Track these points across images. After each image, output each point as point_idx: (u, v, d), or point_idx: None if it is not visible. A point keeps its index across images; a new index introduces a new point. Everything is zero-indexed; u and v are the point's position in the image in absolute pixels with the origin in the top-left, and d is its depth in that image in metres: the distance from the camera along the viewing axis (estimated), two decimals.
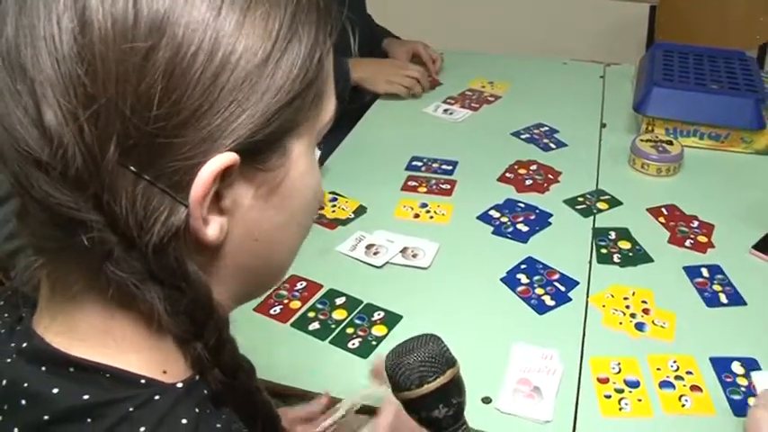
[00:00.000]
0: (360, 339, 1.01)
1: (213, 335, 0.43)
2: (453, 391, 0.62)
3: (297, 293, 1.10)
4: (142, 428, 0.39)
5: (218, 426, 0.42)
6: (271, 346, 1.01)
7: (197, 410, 0.42)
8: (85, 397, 0.40)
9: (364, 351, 0.99)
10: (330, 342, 1.01)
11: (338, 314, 1.06)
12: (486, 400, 0.92)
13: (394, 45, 1.92)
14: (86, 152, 0.36)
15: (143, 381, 0.41)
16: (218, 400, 0.44)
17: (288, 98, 0.41)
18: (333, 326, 1.04)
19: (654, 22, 2.52)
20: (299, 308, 1.07)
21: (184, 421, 0.40)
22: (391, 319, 1.05)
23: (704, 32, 2.42)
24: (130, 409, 0.40)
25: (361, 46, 1.67)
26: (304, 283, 1.12)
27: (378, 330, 1.03)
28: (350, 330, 1.03)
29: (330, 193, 1.37)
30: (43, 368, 0.41)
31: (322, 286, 1.12)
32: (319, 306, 1.08)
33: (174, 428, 0.40)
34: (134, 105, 0.36)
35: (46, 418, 0.40)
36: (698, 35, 2.36)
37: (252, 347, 1.00)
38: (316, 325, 1.04)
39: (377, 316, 1.06)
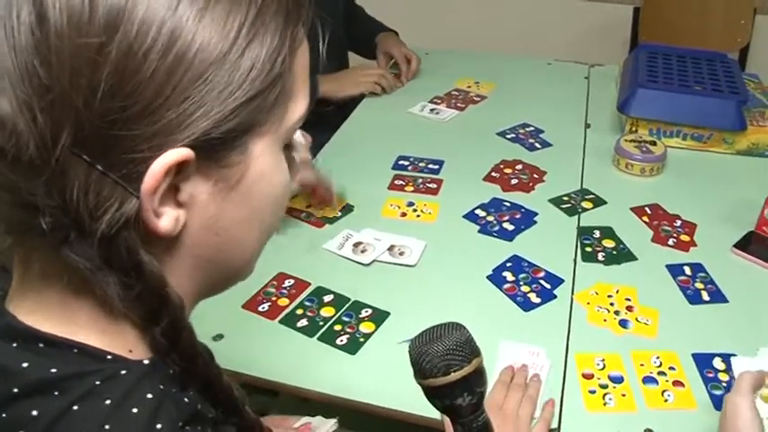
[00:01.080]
0: (348, 336, 1.02)
1: (168, 322, 0.43)
2: (478, 381, 0.62)
3: (285, 291, 1.11)
4: (107, 401, 0.40)
5: (185, 400, 0.43)
6: (259, 343, 1.01)
7: (162, 387, 0.43)
8: (53, 370, 0.41)
9: (352, 348, 1.00)
10: (318, 339, 1.02)
11: (326, 311, 1.07)
12: None
13: (381, 43, 1.93)
14: (39, 140, 0.37)
15: (109, 357, 0.42)
16: (184, 382, 0.45)
17: (247, 97, 0.41)
18: (321, 323, 1.04)
19: (638, 24, 2.55)
20: (288, 305, 1.08)
21: (149, 396, 0.41)
22: (379, 317, 1.06)
23: (687, 34, 2.45)
24: (97, 383, 0.41)
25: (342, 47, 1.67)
26: (292, 281, 1.13)
27: (365, 327, 1.04)
28: (338, 327, 1.04)
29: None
30: (14, 344, 0.42)
31: (310, 284, 1.13)
32: (307, 303, 1.08)
33: (138, 402, 0.41)
34: (87, 97, 0.37)
35: (15, 390, 0.40)
36: (681, 37, 2.39)
37: (240, 344, 1.01)
38: (304, 322, 1.05)
39: (364, 313, 1.06)
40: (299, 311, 1.07)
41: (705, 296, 1.12)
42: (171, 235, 0.42)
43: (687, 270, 1.18)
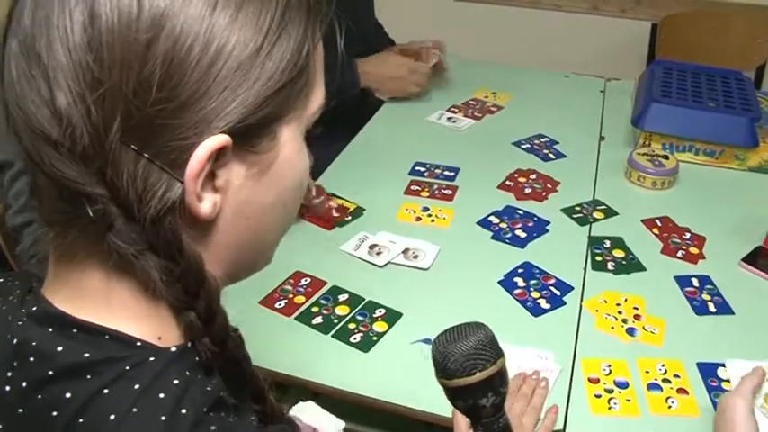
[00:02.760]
0: (361, 334, 1.05)
1: (204, 304, 0.46)
2: (501, 381, 0.63)
3: (301, 289, 1.14)
4: (136, 386, 0.43)
5: (208, 389, 0.45)
6: (275, 338, 1.05)
7: (188, 373, 0.45)
8: (86, 355, 0.43)
9: (365, 345, 1.03)
10: (333, 336, 1.05)
11: (341, 310, 1.10)
12: None
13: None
14: (92, 131, 0.40)
15: (139, 343, 0.45)
16: (209, 369, 0.47)
17: (277, 87, 0.44)
18: (335, 321, 1.08)
19: (655, 40, 2.57)
20: (303, 302, 1.11)
21: (176, 381, 0.44)
22: (392, 316, 1.09)
23: (704, 51, 2.47)
24: (126, 368, 0.43)
25: (370, 53, 1.70)
26: (308, 280, 1.16)
27: (379, 326, 1.07)
28: (352, 325, 1.07)
29: (330, 194, 1.41)
30: (50, 329, 0.45)
31: (326, 283, 1.16)
32: (323, 302, 1.12)
33: (165, 388, 0.43)
34: (136, 89, 0.40)
35: (50, 372, 0.43)
36: (697, 54, 2.41)
37: (255, 338, 1.04)
38: (319, 319, 1.08)
39: (378, 313, 1.10)
40: (315, 309, 1.10)
41: (712, 307, 1.15)
42: (209, 219, 0.45)
43: (695, 282, 1.20)
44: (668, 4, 2.60)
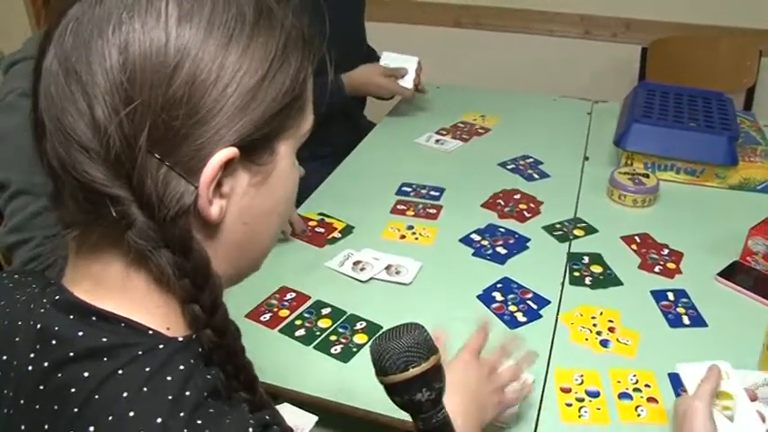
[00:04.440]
0: (342, 346, 1.09)
1: (209, 298, 0.51)
2: (435, 377, 0.67)
3: (286, 303, 1.19)
4: (147, 369, 0.48)
5: (208, 377, 0.51)
6: (259, 350, 1.07)
7: (192, 361, 0.51)
8: (104, 340, 0.49)
9: (345, 356, 1.07)
10: (314, 347, 1.09)
11: (323, 323, 1.14)
12: None
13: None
14: (124, 141, 0.46)
15: (150, 332, 0.50)
16: (209, 361, 0.53)
17: (279, 107, 0.51)
18: (317, 333, 1.12)
19: (645, 64, 2.62)
20: (288, 316, 1.16)
21: (181, 367, 0.49)
22: (372, 329, 1.13)
23: (693, 74, 2.52)
24: (139, 353, 0.49)
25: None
26: (293, 294, 1.21)
27: (359, 338, 1.11)
28: (333, 337, 1.11)
29: (319, 214, 1.46)
30: (71, 316, 0.50)
31: (310, 297, 1.21)
32: (306, 315, 1.16)
33: (172, 372, 0.49)
34: (163, 106, 0.46)
35: (71, 354, 0.48)
36: (687, 77, 2.46)
37: None
38: (302, 332, 1.12)
39: (359, 326, 1.14)
40: (298, 322, 1.14)
41: (686, 320, 1.18)
42: (216, 222, 0.51)
43: (670, 296, 1.23)
44: (658, 28, 2.65)
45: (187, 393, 0.48)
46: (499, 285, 1.25)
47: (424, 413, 0.67)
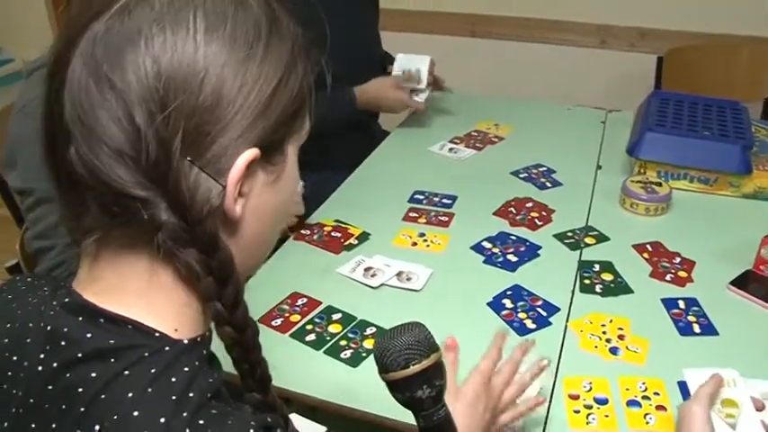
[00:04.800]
0: (351, 351, 1.10)
1: (232, 294, 0.53)
2: (436, 374, 0.69)
3: (297, 308, 1.20)
4: (153, 369, 0.50)
5: (211, 380, 0.52)
6: (270, 354, 1.09)
7: (196, 363, 0.52)
8: (111, 341, 0.50)
9: (355, 361, 1.08)
10: (324, 352, 1.11)
11: (333, 328, 1.15)
12: None
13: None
14: (161, 144, 0.48)
15: (157, 334, 0.52)
16: (212, 363, 0.55)
17: (292, 111, 0.54)
18: (328, 338, 1.13)
19: (661, 73, 2.61)
20: (299, 321, 1.17)
21: (186, 369, 0.51)
22: (382, 334, 1.13)
23: (710, 84, 2.51)
24: (145, 354, 0.50)
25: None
26: (305, 300, 1.22)
27: (369, 344, 1.12)
28: (343, 342, 1.12)
29: (335, 221, 1.48)
30: (80, 318, 0.52)
31: (321, 303, 1.22)
32: (317, 320, 1.17)
33: (177, 373, 0.50)
34: (194, 111, 0.48)
35: (79, 355, 0.50)
36: (703, 86, 2.45)
37: None
38: (312, 336, 1.14)
39: (369, 331, 1.15)
40: (309, 327, 1.16)
41: (696, 329, 1.17)
42: (238, 219, 0.53)
43: (681, 304, 1.23)
44: (674, 37, 2.65)
45: (190, 395, 0.50)
46: (509, 293, 1.25)
47: (426, 410, 0.69)
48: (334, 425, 1.01)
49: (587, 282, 1.29)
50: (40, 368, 0.52)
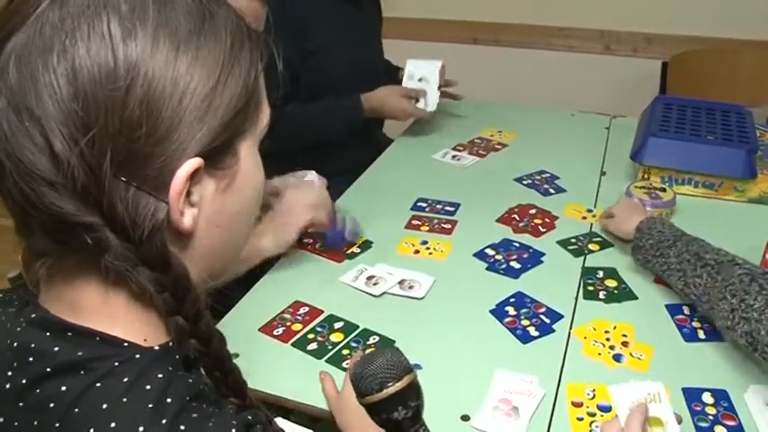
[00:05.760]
0: None
1: (191, 308, 0.52)
2: (411, 395, 0.71)
3: (299, 317, 1.20)
4: (125, 379, 0.49)
5: (190, 381, 0.52)
6: (271, 363, 1.10)
7: (170, 368, 0.51)
8: (80, 353, 0.49)
9: None
10: (326, 361, 1.10)
11: (335, 337, 1.15)
12: (465, 418, 0.99)
13: None
14: (87, 169, 0.45)
15: (126, 344, 0.51)
16: (190, 365, 0.54)
17: (235, 110, 0.51)
18: (329, 347, 1.13)
19: (666, 78, 2.61)
20: (300, 330, 1.17)
21: (160, 375, 0.50)
22: (384, 343, 1.13)
23: (714, 89, 2.50)
24: (116, 364, 0.49)
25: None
26: (306, 309, 1.22)
27: None
28: (345, 351, 1.12)
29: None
30: (47, 333, 0.51)
31: (323, 312, 1.22)
32: (319, 329, 1.17)
33: (151, 381, 0.49)
34: (121, 129, 0.46)
35: (48, 369, 0.49)
36: (708, 91, 2.44)
37: (254, 363, 1.10)
38: (314, 345, 1.13)
39: (372, 340, 1.14)
40: (311, 336, 1.15)
41: (701, 334, 1.16)
42: (190, 231, 0.52)
43: (686, 309, 1.22)
44: (678, 42, 2.65)
45: (168, 400, 0.49)
46: (512, 300, 1.25)
47: (405, 430, 0.70)
48: None
49: (591, 288, 1.28)
50: (8, 386, 0.51)
